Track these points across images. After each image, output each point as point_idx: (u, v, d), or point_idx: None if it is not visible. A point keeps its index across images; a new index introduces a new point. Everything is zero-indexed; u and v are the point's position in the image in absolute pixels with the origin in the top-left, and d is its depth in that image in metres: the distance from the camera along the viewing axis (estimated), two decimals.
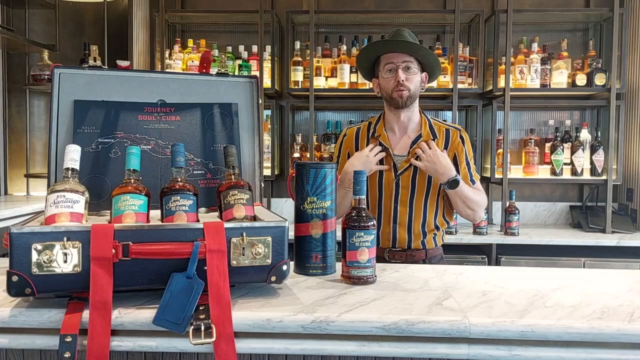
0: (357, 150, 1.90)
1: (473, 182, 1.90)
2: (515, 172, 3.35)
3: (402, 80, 1.78)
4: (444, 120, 1.99)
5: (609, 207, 3.14)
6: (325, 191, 1.35)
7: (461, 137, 1.89)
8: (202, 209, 1.38)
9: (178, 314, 1.00)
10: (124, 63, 1.46)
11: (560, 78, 3.20)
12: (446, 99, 3.38)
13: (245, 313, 1.04)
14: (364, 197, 1.30)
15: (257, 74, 3.26)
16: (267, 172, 3.28)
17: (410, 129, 1.89)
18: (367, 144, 1.89)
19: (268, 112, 3.40)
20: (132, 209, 1.14)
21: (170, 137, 1.41)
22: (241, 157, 1.46)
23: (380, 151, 1.84)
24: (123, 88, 1.42)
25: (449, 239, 2.97)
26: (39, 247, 1.00)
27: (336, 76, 3.30)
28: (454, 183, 1.77)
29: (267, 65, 3.32)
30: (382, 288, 1.24)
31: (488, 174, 3.30)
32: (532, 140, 3.31)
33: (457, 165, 1.87)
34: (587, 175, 3.26)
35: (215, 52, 3.33)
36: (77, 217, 1.12)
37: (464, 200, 1.81)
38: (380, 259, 1.87)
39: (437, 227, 1.91)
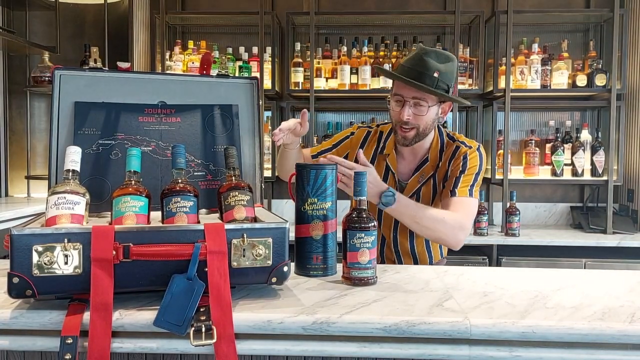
0: None
1: (453, 193, 1.62)
2: (516, 172, 3.35)
3: (408, 119, 1.58)
4: (455, 135, 1.75)
5: (609, 208, 3.13)
6: (325, 192, 1.35)
7: (464, 157, 1.66)
8: (203, 211, 1.38)
9: (179, 316, 1.00)
10: (124, 64, 1.46)
11: (560, 79, 3.21)
12: None
13: (246, 314, 1.04)
14: (364, 198, 1.30)
15: (258, 75, 3.27)
16: (267, 173, 3.28)
17: (421, 154, 1.72)
18: (373, 156, 1.77)
19: (268, 114, 3.40)
20: (132, 210, 1.14)
21: (170, 138, 1.41)
22: (242, 159, 1.46)
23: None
24: (123, 89, 1.42)
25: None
26: (40, 248, 1.00)
27: (336, 77, 3.30)
28: (387, 197, 1.50)
29: (267, 67, 3.33)
30: (383, 289, 1.24)
31: (489, 175, 3.30)
32: (533, 141, 3.31)
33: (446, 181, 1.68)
34: (587, 176, 3.27)
35: (216, 54, 3.33)
36: (78, 219, 1.12)
37: (415, 220, 1.54)
38: None
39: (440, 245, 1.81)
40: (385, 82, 3.19)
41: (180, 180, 1.22)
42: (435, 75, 1.54)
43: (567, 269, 1.55)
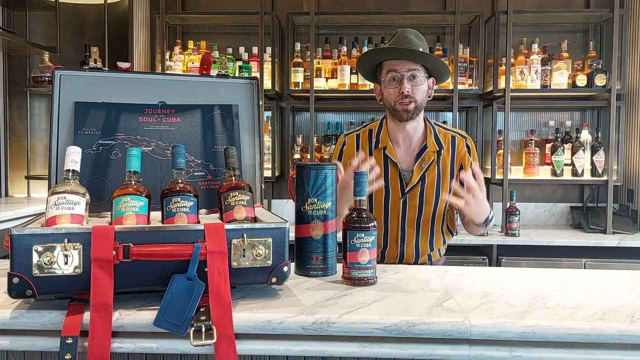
0: None
1: None
2: (516, 172, 3.35)
3: (408, 92, 1.66)
4: (445, 124, 1.87)
5: (609, 208, 3.13)
6: (325, 192, 1.35)
7: (467, 146, 1.81)
8: (203, 211, 1.38)
9: (179, 316, 1.00)
10: (124, 65, 1.46)
11: (560, 79, 3.21)
12: (446, 100, 3.38)
13: (246, 314, 1.04)
14: (364, 198, 1.30)
15: (258, 75, 3.27)
16: (267, 173, 3.28)
17: (415, 140, 1.78)
18: (369, 153, 1.78)
19: (268, 114, 3.40)
20: (132, 210, 1.14)
21: (170, 138, 1.41)
22: (242, 159, 1.46)
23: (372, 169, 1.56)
24: (123, 89, 1.42)
25: (450, 240, 2.97)
26: (40, 248, 1.00)
27: (336, 77, 3.30)
28: (492, 213, 1.65)
29: (267, 67, 3.33)
30: (383, 289, 1.24)
31: (489, 175, 3.30)
32: (533, 141, 3.31)
33: None
34: (587, 176, 3.27)
35: (216, 54, 3.33)
36: (78, 219, 1.12)
37: (488, 216, 1.70)
38: None
39: (444, 242, 1.87)
40: None
41: (180, 180, 1.22)
42: (420, 50, 1.66)
43: (567, 269, 1.55)
